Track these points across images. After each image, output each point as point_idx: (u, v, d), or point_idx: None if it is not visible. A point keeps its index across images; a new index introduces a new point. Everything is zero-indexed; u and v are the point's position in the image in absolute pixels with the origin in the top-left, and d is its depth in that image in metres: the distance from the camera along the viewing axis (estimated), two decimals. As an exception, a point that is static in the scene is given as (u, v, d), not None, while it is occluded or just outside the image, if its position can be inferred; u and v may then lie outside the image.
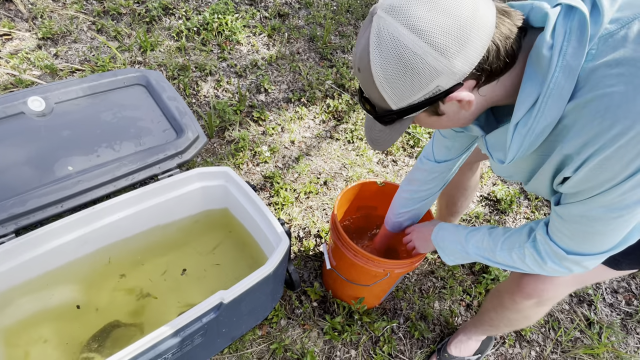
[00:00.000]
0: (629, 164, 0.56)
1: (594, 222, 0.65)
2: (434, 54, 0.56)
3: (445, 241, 1.00)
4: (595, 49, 0.57)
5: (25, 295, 1.14)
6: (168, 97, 1.37)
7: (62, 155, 1.19)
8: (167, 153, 1.26)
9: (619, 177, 0.58)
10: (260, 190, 1.80)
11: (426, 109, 0.65)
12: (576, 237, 0.69)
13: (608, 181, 0.59)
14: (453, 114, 0.67)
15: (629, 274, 1.78)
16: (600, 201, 0.62)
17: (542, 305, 0.98)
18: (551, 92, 0.59)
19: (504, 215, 1.91)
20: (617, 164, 0.57)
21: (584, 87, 0.58)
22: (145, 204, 1.24)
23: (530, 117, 0.62)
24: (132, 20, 2.30)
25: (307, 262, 1.61)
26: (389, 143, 0.73)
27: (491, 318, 1.15)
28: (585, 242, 0.69)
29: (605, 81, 0.55)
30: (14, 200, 1.06)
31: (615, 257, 0.79)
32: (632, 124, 0.54)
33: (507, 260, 0.84)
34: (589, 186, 0.62)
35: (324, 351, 1.37)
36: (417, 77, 0.59)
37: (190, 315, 0.91)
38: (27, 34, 2.11)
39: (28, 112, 1.21)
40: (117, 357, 0.82)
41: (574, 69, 0.57)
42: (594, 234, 0.67)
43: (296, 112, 2.14)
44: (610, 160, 0.57)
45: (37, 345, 1.12)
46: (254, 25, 2.47)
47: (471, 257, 0.93)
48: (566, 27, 0.57)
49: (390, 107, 0.65)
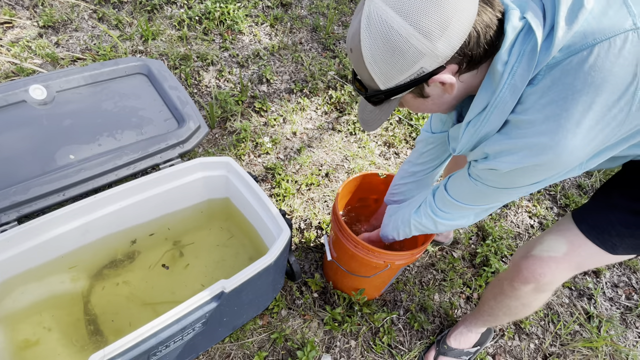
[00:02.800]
0: (525, 180, 0.72)
1: (483, 192, 0.82)
2: (418, 36, 0.60)
3: (386, 235, 1.18)
4: (541, 75, 0.62)
5: (27, 283, 1.15)
6: (169, 87, 1.36)
7: (63, 143, 1.19)
8: (168, 142, 1.25)
9: (508, 185, 0.75)
10: (262, 181, 1.79)
11: (412, 91, 0.70)
12: (466, 193, 0.87)
13: (498, 184, 0.76)
14: (437, 97, 0.72)
15: (627, 263, 1.78)
16: (494, 189, 0.79)
17: (540, 291, 0.98)
18: (497, 104, 0.66)
19: (505, 208, 1.91)
20: (514, 178, 0.72)
21: (519, 107, 0.65)
22: (147, 194, 1.24)
23: (478, 121, 0.71)
24: (133, 8, 2.28)
25: (308, 253, 1.61)
26: (379, 123, 0.79)
27: (491, 307, 1.16)
28: (469, 197, 0.87)
29: (531, 110, 0.64)
30: (16, 188, 1.07)
31: (612, 242, 0.83)
32: (524, 156, 0.66)
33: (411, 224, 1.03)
34: (492, 179, 0.77)
35: (324, 341, 1.38)
36: (402, 58, 0.63)
37: (192, 303, 0.91)
38: (28, 22, 2.10)
39: (30, 100, 1.21)
40: (118, 344, 0.82)
41: (519, 89, 0.64)
42: (480, 196, 0.84)
43: (298, 103, 2.13)
44: (505, 176, 0.72)
45: (39, 333, 1.13)
46: (256, 15, 2.45)
47: (402, 232, 1.11)
48: (521, 49, 0.62)
49: (379, 87, 0.69)
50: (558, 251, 0.90)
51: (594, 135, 0.62)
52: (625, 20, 0.57)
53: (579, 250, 0.88)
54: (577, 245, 0.88)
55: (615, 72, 0.57)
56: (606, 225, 0.84)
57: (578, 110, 0.60)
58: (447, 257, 1.68)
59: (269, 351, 1.33)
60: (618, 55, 0.57)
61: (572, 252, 0.89)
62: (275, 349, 1.34)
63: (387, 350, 1.39)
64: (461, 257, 1.70)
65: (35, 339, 1.12)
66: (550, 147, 0.63)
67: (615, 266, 1.79)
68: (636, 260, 1.79)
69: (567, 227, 0.90)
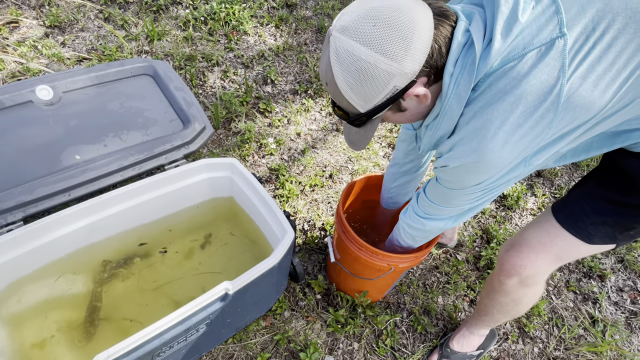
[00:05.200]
0: (472, 178, 0.77)
1: (448, 194, 0.87)
2: (385, 60, 0.65)
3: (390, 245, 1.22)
4: (481, 82, 0.68)
5: (33, 283, 1.15)
6: (175, 88, 1.37)
7: (69, 144, 1.19)
8: (173, 143, 1.26)
9: (469, 183, 0.79)
10: (266, 182, 1.80)
11: (390, 108, 0.75)
12: (438, 196, 0.92)
13: (453, 184, 0.82)
14: (414, 108, 0.77)
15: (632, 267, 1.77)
16: (457, 192, 0.84)
17: (525, 285, 1.00)
18: (446, 112, 0.72)
19: (510, 211, 1.90)
20: (460, 176, 0.78)
21: (464, 110, 0.71)
22: (152, 194, 1.24)
23: (434, 126, 0.78)
24: (139, 9, 2.29)
25: (312, 254, 1.61)
26: (366, 142, 0.85)
27: (485, 305, 1.17)
28: (441, 200, 0.92)
29: (469, 113, 0.70)
30: (22, 188, 1.07)
31: (587, 231, 0.86)
32: (462, 152, 0.72)
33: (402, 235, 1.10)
34: (447, 179, 0.83)
35: (326, 343, 1.38)
36: (375, 82, 0.68)
37: (196, 304, 0.92)
38: (34, 22, 2.11)
39: (36, 100, 1.21)
40: (123, 345, 0.83)
41: (463, 97, 0.69)
42: (447, 197, 0.89)
43: (302, 104, 2.13)
44: (454, 174, 0.78)
45: (44, 333, 1.13)
46: (261, 16, 2.45)
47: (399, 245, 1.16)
48: (464, 62, 0.67)
49: (359, 111, 0.74)
50: (536, 243, 0.93)
51: (522, 134, 0.66)
52: (554, 28, 0.62)
53: (556, 241, 0.90)
54: (554, 236, 0.90)
55: (539, 77, 0.62)
56: (580, 214, 0.87)
57: (504, 109, 0.65)
58: (451, 259, 1.68)
59: (272, 352, 1.33)
60: (543, 60, 0.62)
61: (550, 243, 0.91)
62: (278, 350, 1.34)
63: (390, 353, 1.39)
64: (465, 259, 1.69)
65: (40, 339, 1.12)
66: (476, 147, 0.69)
67: (620, 270, 1.78)
68: (642, 265, 1.78)
69: (545, 218, 0.93)
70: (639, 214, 0.81)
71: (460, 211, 0.94)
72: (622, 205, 0.82)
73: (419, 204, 1.00)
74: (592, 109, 0.65)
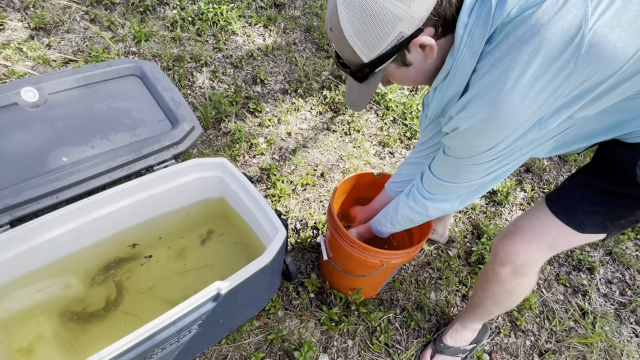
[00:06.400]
0: (484, 141, 0.72)
1: (457, 167, 0.84)
2: (393, 0, 0.64)
3: (377, 226, 1.20)
4: (497, 33, 0.65)
5: (21, 288, 1.13)
6: (163, 88, 1.36)
7: (56, 146, 1.18)
8: (162, 144, 1.25)
9: (480, 147, 0.74)
10: (257, 182, 1.79)
11: (394, 59, 0.73)
12: (445, 170, 0.89)
13: (463, 152, 0.78)
14: (419, 64, 0.74)
15: (620, 259, 1.79)
16: (467, 160, 0.80)
17: (518, 274, 1.00)
18: (458, 66, 0.69)
19: (500, 206, 1.92)
20: (471, 139, 0.73)
21: (477, 65, 0.68)
22: (141, 195, 1.23)
23: (444, 86, 0.74)
24: (125, 10, 2.27)
25: (304, 253, 1.61)
26: (366, 101, 0.83)
27: (479, 297, 1.17)
28: (449, 174, 0.89)
29: (484, 65, 0.66)
30: (8, 191, 1.05)
31: (579, 220, 0.87)
32: (475, 109, 0.68)
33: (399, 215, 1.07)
34: (457, 147, 0.79)
35: (321, 341, 1.38)
36: (381, 25, 0.66)
37: (188, 305, 0.91)
38: (19, 24, 2.08)
39: (22, 103, 1.19)
40: (114, 347, 0.82)
41: (477, 49, 0.66)
42: (456, 171, 0.86)
43: (292, 103, 2.12)
44: (465, 137, 0.73)
45: (35, 338, 1.12)
46: (249, 15, 2.45)
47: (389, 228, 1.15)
48: (479, 12, 0.65)
49: (363, 61, 0.72)
50: (530, 231, 0.94)
51: (541, 87, 0.63)
52: None
53: (549, 230, 0.91)
54: (547, 225, 0.91)
55: (560, 24, 0.59)
56: (573, 203, 0.88)
57: (522, 60, 0.61)
58: (443, 255, 1.69)
59: (266, 352, 1.33)
60: (565, 6, 0.59)
61: (543, 232, 0.92)
62: (272, 350, 1.34)
63: (384, 350, 1.39)
64: (457, 255, 1.70)
65: (32, 344, 1.10)
66: (491, 101, 0.65)
67: (608, 262, 1.80)
68: (630, 256, 1.81)
69: (539, 207, 0.94)
70: (629, 204, 0.83)
71: (467, 189, 0.90)
72: (614, 194, 0.83)
73: (423, 184, 0.97)
74: (613, 64, 0.61)
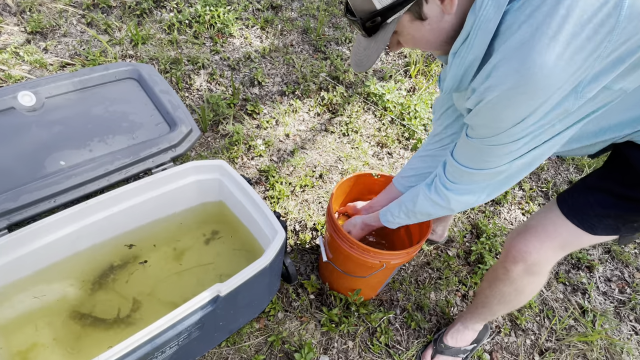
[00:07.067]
0: (512, 113, 0.65)
1: (481, 149, 0.77)
2: None
3: (388, 216, 1.13)
4: None
5: (19, 293, 1.13)
6: (160, 91, 1.35)
7: (54, 150, 1.17)
8: (160, 147, 1.25)
9: (508, 121, 0.66)
10: (256, 184, 1.79)
11: (410, 9, 0.67)
12: (469, 155, 0.83)
13: (489, 131, 0.71)
14: (436, 20, 0.69)
15: (619, 257, 1.80)
16: (493, 140, 0.73)
17: (530, 273, 1.00)
18: (480, 24, 0.63)
19: (498, 206, 1.92)
20: (498, 112, 0.66)
21: (502, 26, 0.62)
22: (140, 198, 1.23)
23: (463, 49, 0.68)
24: (122, 13, 2.27)
25: (304, 255, 1.61)
26: (372, 60, 0.77)
27: (486, 296, 1.16)
28: (474, 160, 0.82)
29: (513, 23, 0.60)
30: (5, 195, 1.05)
31: (590, 222, 0.87)
32: (503, 75, 0.60)
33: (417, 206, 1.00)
34: (481, 124, 0.72)
35: (321, 343, 1.38)
36: None
37: (187, 308, 0.91)
38: (16, 29, 2.07)
39: (19, 107, 1.19)
40: (114, 350, 0.81)
41: (502, 4, 0.60)
42: (481, 155, 0.79)
43: (290, 105, 2.12)
44: (492, 112, 0.66)
45: (34, 343, 1.11)
46: (246, 18, 2.45)
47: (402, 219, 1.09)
48: None
49: (375, 7, 0.67)
50: (542, 230, 0.94)
51: (578, 46, 0.56)
52: None
53: (561, 230, 0.91)
54: (558, 225, 0.91)
55: None
56: (584, 206, 0.88)
57: (558, 15, 0.55)
58: (442, 255, 1.69)
59: (266, 354, 1.32)
60: None
61: (554, 232, 0.92)
62: (272, 352, 1.34)
63: (384, 350, 1.39)
64: (456, 255, 1.70)
65: (31, 348, 1.10)
66: (521, 64, 0.58)
67: (607, 260, 1.80)
68: (628, 254, 1.81)
69: (550, 208, 0.94)
70: None
71: (495, 177, 0.83)
72: (626, 198, 0.82)
73: (446, 173, 0.91)
74: None
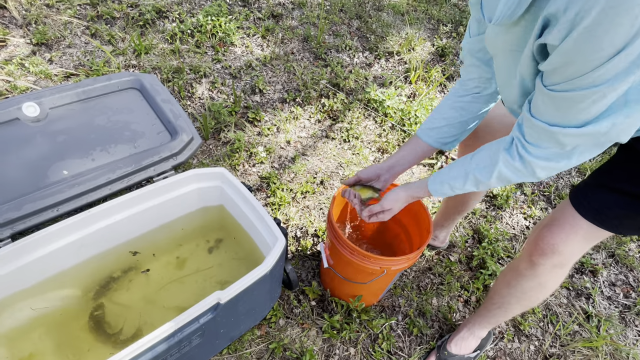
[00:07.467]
0: (623, 32, 0.48)
1: (562, 98, 0.63)
2: None
3: (445, 188, 0.95)
4: None
5: (23, 301, 1.14)
6: (162, 100, 1.37)
7: (57, 159, 1.19)
8: (161, 155, 1.26)
9: (609, 49, 0.50)
10: (257, 190, 1.80)
11: None
12: (554, 108, 0.67)
13: (576, 70, 0.55)
14: None
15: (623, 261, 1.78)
16: (586, 79, 0.56)
17: (557, 267, 0.99)
18: None
19: (500, 210, 1.92)
20: (608, 31, 0.49)
21: None
22: (142, 207, 1.24)
23: None
24: (125, 24, 2.30)
25: (305, 261, 1.61)
26: None
27: (502, 296, 1.14)
28: (568, 114, 0.66)
29: None
30: (9, 205, 1.06)
31: (612, 224, 0.86)
32: None
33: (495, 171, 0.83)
34: (572, 60, 0.56)
35: (323, 350, 1.38)
36: None
37: (188, 316, 0.91)
38: (22, 40, 2.11)
39: (23, 117, 1.21)
40: (115, 359, 0.82)
41: None
42: (571, 103, 0.63)
43: (291, 112, 2.14)
44: (601, 25, 0.49)
45: (37, 351, 1.12)
46: (247, 27, 2.48)
47: (468, 188, 0.91)
48: None
49: None
50: (565, 224, 0.93)
51: None
52: None
53: (581, 224, 0.90)
54: (578, 219, 0.90)
55: None
56: (602, 207, 0.86)
57: None
58: (444, 260, 1.69)
59: (268, 361, 1.33)
60: None
61: (577, 226, 0.91)
62: (274, 359, 1.33)
63: (386, 357, 1.38)
64: (458, 260, 1.70)
65: (33, 356, 1.11)
66: None
67: (612, 264, 1.79)
68: (633, 258, 1.80)
69: (563, 206, 0.93)
70: None
71: (590, 137, 0.67)
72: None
73: (525, 134, 0.76)
74: None
